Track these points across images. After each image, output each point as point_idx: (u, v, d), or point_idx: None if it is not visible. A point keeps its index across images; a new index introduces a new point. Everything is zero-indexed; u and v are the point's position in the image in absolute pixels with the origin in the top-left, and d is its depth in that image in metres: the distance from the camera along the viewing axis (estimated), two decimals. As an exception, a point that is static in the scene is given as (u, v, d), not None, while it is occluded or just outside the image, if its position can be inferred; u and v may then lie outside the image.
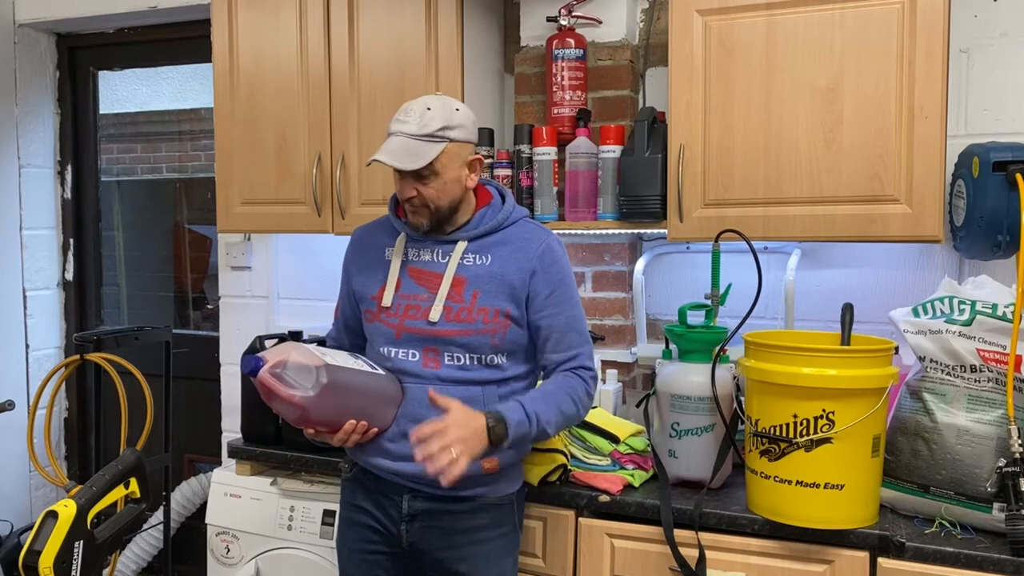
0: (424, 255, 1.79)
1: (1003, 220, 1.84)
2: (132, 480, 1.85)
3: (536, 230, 1.80)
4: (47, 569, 1.63)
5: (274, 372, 1.58)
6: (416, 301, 1.76)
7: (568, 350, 1.76)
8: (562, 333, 1.76)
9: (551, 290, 1.75)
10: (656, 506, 1.83)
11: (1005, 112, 2.09)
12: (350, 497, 1.86)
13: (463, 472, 1.53)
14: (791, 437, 1.67)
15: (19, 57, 3.33)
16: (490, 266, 1.75)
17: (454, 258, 1.75)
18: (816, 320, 2.24)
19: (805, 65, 1.92)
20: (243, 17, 2.51)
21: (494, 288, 1.73)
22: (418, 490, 1.75)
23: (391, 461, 1.75)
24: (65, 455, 3.54)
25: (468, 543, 1.75)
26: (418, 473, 1.70)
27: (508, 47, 2.53)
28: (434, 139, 1.68)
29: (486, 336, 1.72)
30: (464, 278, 1.74)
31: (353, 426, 1.68)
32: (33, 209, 3.42)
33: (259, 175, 2.52)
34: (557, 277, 1.76)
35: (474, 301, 1.72)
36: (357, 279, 1.86)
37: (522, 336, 1.76)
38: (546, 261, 1.75)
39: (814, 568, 1.71)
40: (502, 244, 1.76)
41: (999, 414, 1.68)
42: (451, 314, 1.72)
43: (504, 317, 1.72)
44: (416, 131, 1.67)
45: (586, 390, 1.76)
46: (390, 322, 1.77)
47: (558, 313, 1.75)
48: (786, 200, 1.95)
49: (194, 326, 3.50)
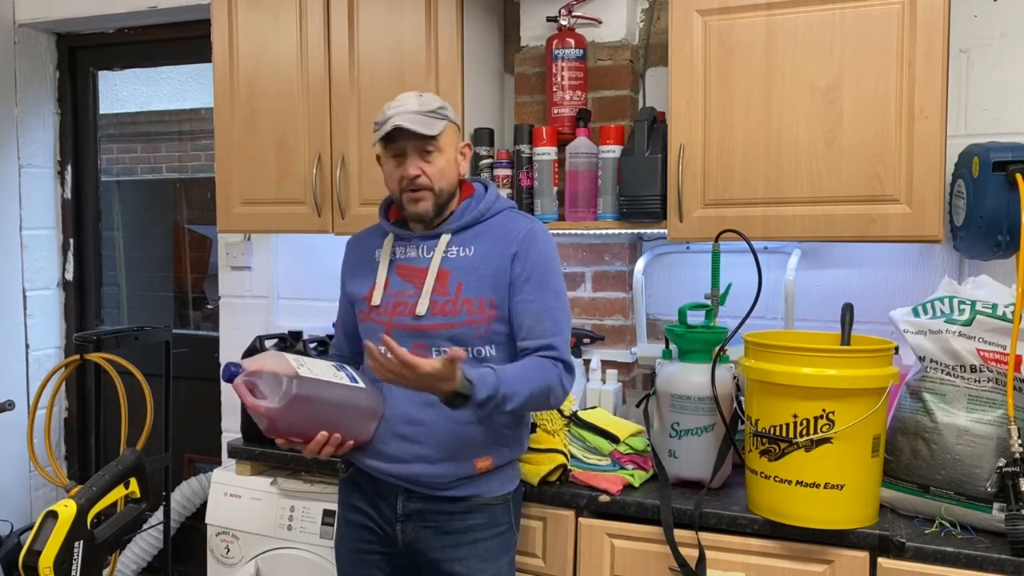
0: (410, 251, 1.80)
1: (1003, 220, 1.84)
2: (132, 480, 1.85)
3: (520, 218, 1.80)
4: (47, 569, 1.63)
5: (247, 381, 1.58)
6: (403, 297, 1.76)
7: (541, 338, 1.70)
8: (536, 319, 1.71)
9: (529, 274, 1.72)
10: (656, 506, 1.83)
11: (1005, 112, 2.09)
12: (346, 497, 1.87)
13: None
14: (791, 437, 1.67)
15: (19, 57, 3.33)
16: (472, 257, 1.75)
17: (438, 251, 1.76)
18: (816, 320, 2.25)
19: (805, 65, 1.92)
20: (243, 17, 2.51)
21: (476, 279, 1.73)
22: (412, 491, 1.76)
23: (384, 463, 1.75)
24: (65, 455, 3.54)
25: (463, 543, 1.75)
26: (412, 474, 1.73)
27: (508, 47, 2.53)
28: (437, 116, 1.72)
29: (471, 328, 1.72)
30: (448, 270, 1.75)
31: (325, 438, 1.66)
32: (33, 209, 3.42)
33: (259, 175, 2.52)
34: (537, 261, 1.73)
35: (458, 293, 1.73)
36: (350, 284, 1.89)
37: (506, 325, 1.75)
38: (526, 244, 1.73)
39: (814, 568, 1.71)
40: (485, 234, 1.77)
41: (999, 414, 1.68)
42: (436, 307, 1.73)
43: (489, 307, 1.73)
44: (418, 108, 1.70)
45: (560, 380, 1.70)
46: (380, 320, 1.78)
47: (534, 300, 1.71)
48: (786, 200, 1.95)
49: (194, 326, 3.50)
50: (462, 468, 1.72)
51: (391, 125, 1.68)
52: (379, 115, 1.74)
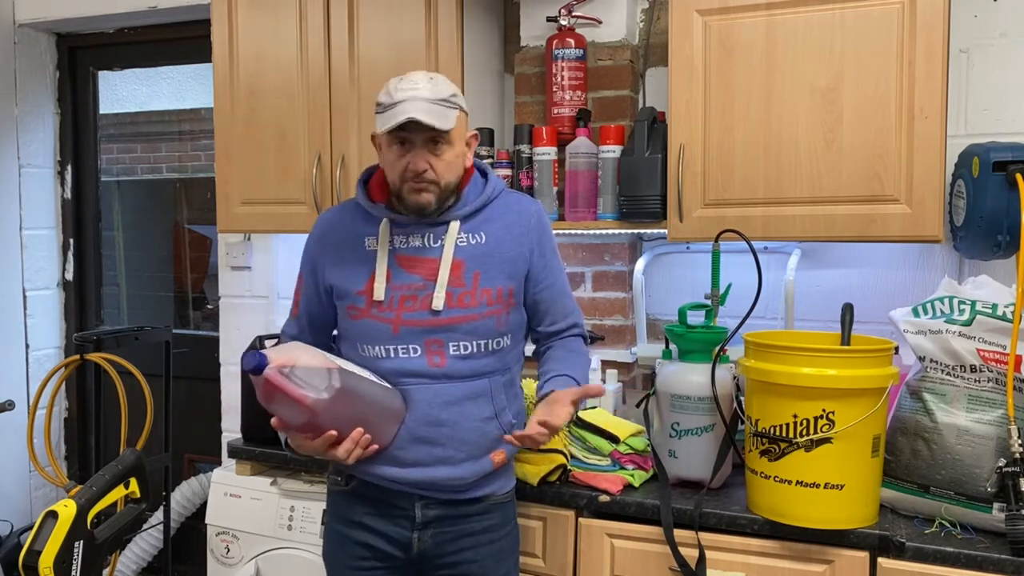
0: (413, 240, 1.67)
1: (1003, 220, 1.84)
2: (132, 480, 1.85)
3: (520, 199, 1.77)
4: (47, 569, 1.63)
5: (282, 371, 1.47)
6: (411, 291, 1.64)
7: (565, 318, 1.79)
8: (559, 301, 1.77)
9: (546, 261, 1.74)
10: (656, 506, 1.83)
11: (1005, 112, 2.09)
12: (346, 512, 1.74)
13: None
14: (791, 437, 1.67)
15: (19, 57, 3.33)
16: (486, 244, 1.67)
17: (449, 240, 1.65)
18: (816, 320, 2.25)
19: (805, 65, 1.92)
20: (243, 17, 2.51)
21: (494, 267, 1.67)
22: (430, 497, 1.68)
23: (400, 468, 1.65)
24: (65, 455, 3.54)
25: (481, 544, 1.72)
26: (431, 479, 1.66)
27: (508, 47, 2.53)
28: (450, 104, 1.59)
29: (491, 319, 1.66)
30: (461, 260, 1.65)
31: (360, 435, 1.57)
32: (33, 209, 3.42)
33: (259, 175, 2.52)
34: (550, 247, 1.76)
35: (476, 283, 1.64)
36: (333, 273, 1.71)
37: (522, 314, 1.75)
38: (539, 229, 1.74)
39: (814, 568, 1.71)
40: (493, 219, 1.70)
41: (999, 414, 1.68)
42: (453, 300, 1.63)
43: (508, 296, 1.68)
44: (431, 95, 1.57)
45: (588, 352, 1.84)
46: (385, 317, 1.65)
47: (552, 283, 1.76)
48: (786, 200, 1.95)
49: (194, 326, 3.50)
50: (481, 465, 1.68)
51: (404, 116, 1.54)
52: (384, 95, 1.60)
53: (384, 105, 1.59)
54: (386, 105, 1.58)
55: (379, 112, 1.61)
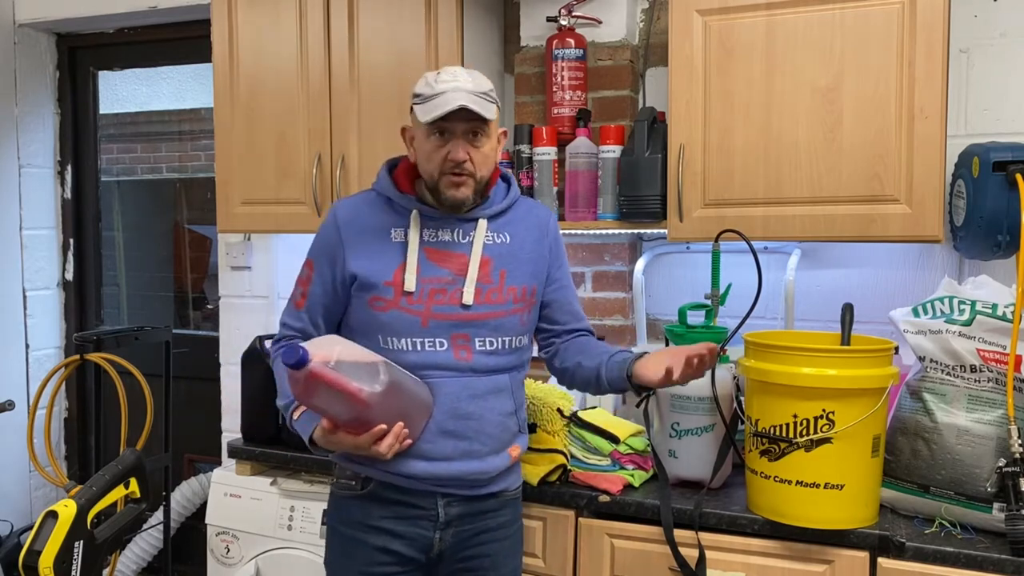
0: (443, 235, 1.67)
1: (1003, 220, 1.84)
2: (132, 480, 1.85)
3: (537, 205, 1.85)
4: (47, 569, 1.63)
5: (329, 365, 1.42)
6: (441, 284, 1.63)
7: (582, 320, 1.86)
8: (574, 302, 1.85)
9: (560, 263, 1.82)
10: (656, 506, 1.83)
11: (1005, 112, 2.09)
12: (360, 517, 1.68)
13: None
14: (791, 437, 1.67)
15: (19, 57, 3.33)
16: (511, 244, 1.71)
17: (479, 237, 1.67)
18: (816, 320, 2.24)
19: (805, 65, 1.92)
20: (243, 17, 2.51)
21: (519, 267, 1.70)
22: (452, 494, 1.66)
23: (427, 463, 1.62)
24: (65, 455, 3.54)
25: (497, 539, 1.72)
26: (456, 473, 1.64)
27: (508, 47, 2.53)
28: (489, 98, 1.60)
29: (516, 316, 1.69)
30: (489, 258, 1.67)
31: (400, 429, 1.55)
32: (33, 209, 3.42)
33: (259, 175, 2.52)
34: (563, 254, 1.84)
35: (502, 281, 1.67)
36: (358, 263, 1.65)
37: (536, 316, 1.78)
38: (554, 231, 1.81)
39: (814, 568, 1.71)
40: (515, 222, 1.74)
41: (999, 414, 1.68)
42: (481, 296, 1.64)
43: (531, 295, 1.72)
44: (474, 88, 1.57)
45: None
46: (414, 309, 1.62)
47: (567, 284, 1.83)
48: (786, 200, 1.95)
49: (194, 326, 3.50)
50: (501, 460, 1.69)
51: (455, 103, 1.53)
52: (423, 86, 1.59)
53: (425, 96, 1.58)
54: (427, 96, 1.57)
55: (419, 103, 1.59)
